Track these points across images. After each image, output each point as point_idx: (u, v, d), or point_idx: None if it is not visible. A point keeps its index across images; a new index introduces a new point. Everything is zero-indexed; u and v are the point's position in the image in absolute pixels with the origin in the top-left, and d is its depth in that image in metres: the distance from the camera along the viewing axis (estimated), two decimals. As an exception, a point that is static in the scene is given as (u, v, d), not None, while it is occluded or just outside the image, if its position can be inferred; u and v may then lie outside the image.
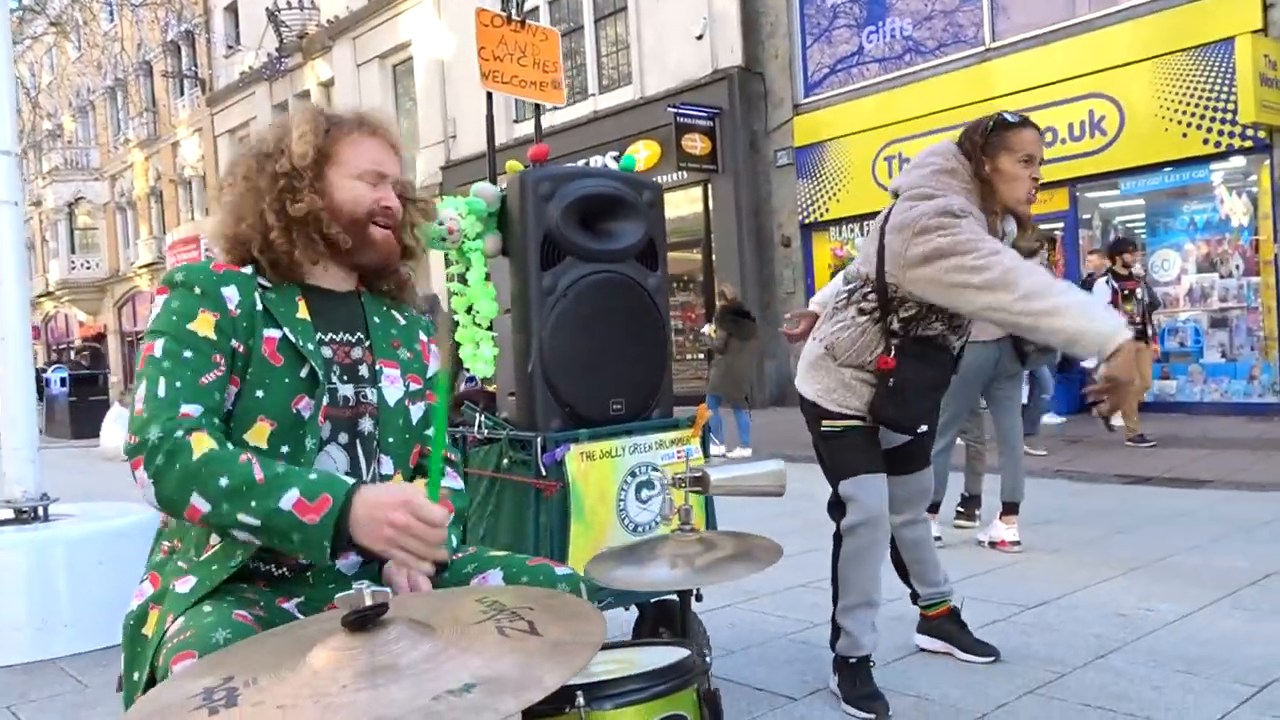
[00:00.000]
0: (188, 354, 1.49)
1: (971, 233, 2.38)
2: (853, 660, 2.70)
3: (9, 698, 3.13)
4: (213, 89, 25.64)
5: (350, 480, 1.43)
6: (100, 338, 31.15)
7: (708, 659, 1.27)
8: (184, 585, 1.49)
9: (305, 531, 1.37)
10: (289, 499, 1.38)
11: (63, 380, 15.60)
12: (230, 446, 1.46)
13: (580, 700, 1.12)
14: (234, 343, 1.53)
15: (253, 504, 1.39)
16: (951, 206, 2.44)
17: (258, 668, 0.90)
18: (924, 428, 2.75)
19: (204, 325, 1.51)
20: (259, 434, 1.52)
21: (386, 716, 0.76)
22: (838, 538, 2.73)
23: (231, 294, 1.55)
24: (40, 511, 3.98)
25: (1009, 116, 2.61)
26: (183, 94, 27.67)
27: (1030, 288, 2.25)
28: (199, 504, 1.40)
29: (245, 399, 1.53)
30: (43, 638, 3.57)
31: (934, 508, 4.92)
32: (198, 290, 1.54)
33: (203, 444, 1.42)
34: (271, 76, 22.22)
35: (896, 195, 2.65)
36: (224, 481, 1.39)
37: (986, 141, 2.58)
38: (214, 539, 1.53)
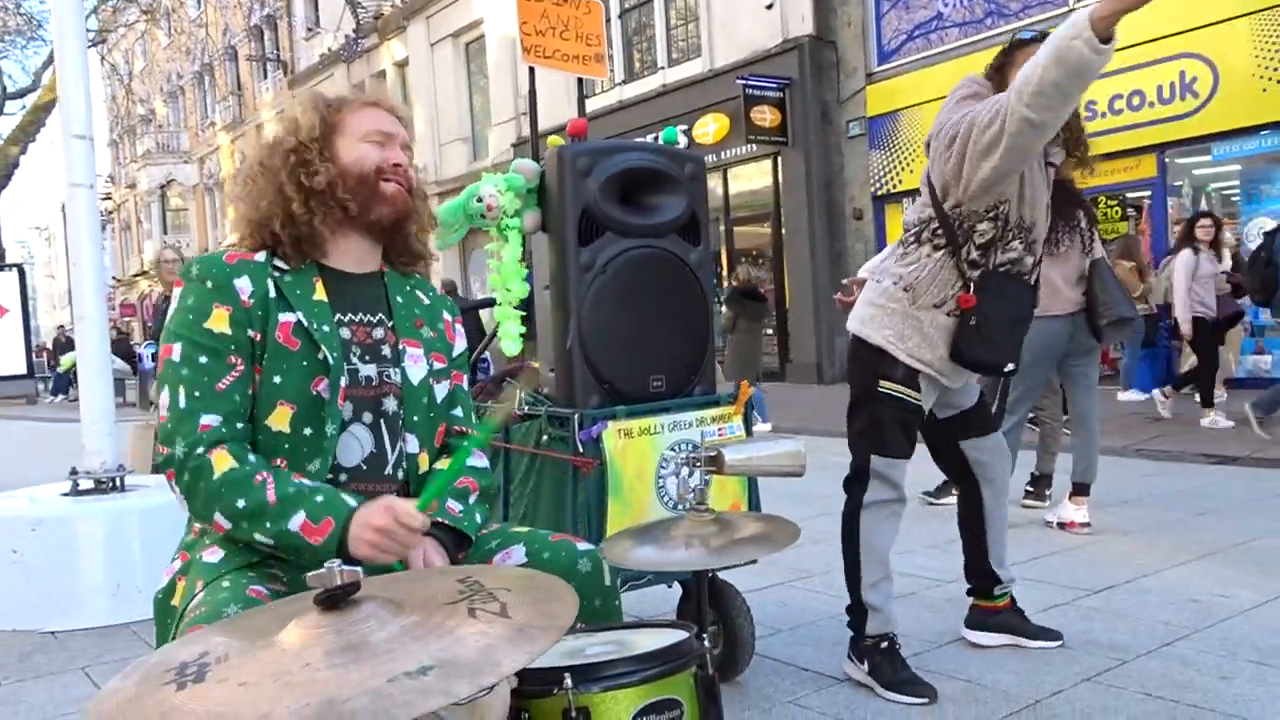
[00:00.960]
0: (204, 359, 1.54)
1: (976, 107, 2.38)
2: (884, 644, 2.63)
3: (85, 659, 3.29)
4: (294, 71, 26.26)
5: (352, 503, 1.50)
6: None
7: (705, 641, 1.24)
8: (212, 555, 1.56)
9: (312, 551, 1.46)
10: (296, 521, 1.47)
11: (154, 355, 16.25)
12: (251, 460, 1.52)
13: (568, 682, 1.12)
14: (250, 333, 1.57)
15: (266, 525, 1.48)
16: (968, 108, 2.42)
17: (234, 644, 0.91)
18: (1010, 366, 2.65)
19: (219, 321, 1.55)
20: (280, 418, 1.56)
21: (337, 697, 0.76)
22: (853, 515, 2.67)
23: (244, 284, 1.58)
24: (117, 482, 4.15)
25: (1023, 34, 2.56)
26: (266, 77, 28.42)
27: (1019, 83, 2.21)
28: (222, 521, 1.51)
29: (265, 384, 1.56)
30: (117, 603, 3.73)
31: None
32: (210, 284, 1.57)
33: (223, 463, 1.50)
34: (349, 58, 22.63)
35: (928, 147, 2.61)
36: (241, 504, 1.48)
37: (1002, 63, 2.56)
38: None
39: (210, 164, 32.73)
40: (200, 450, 1.50)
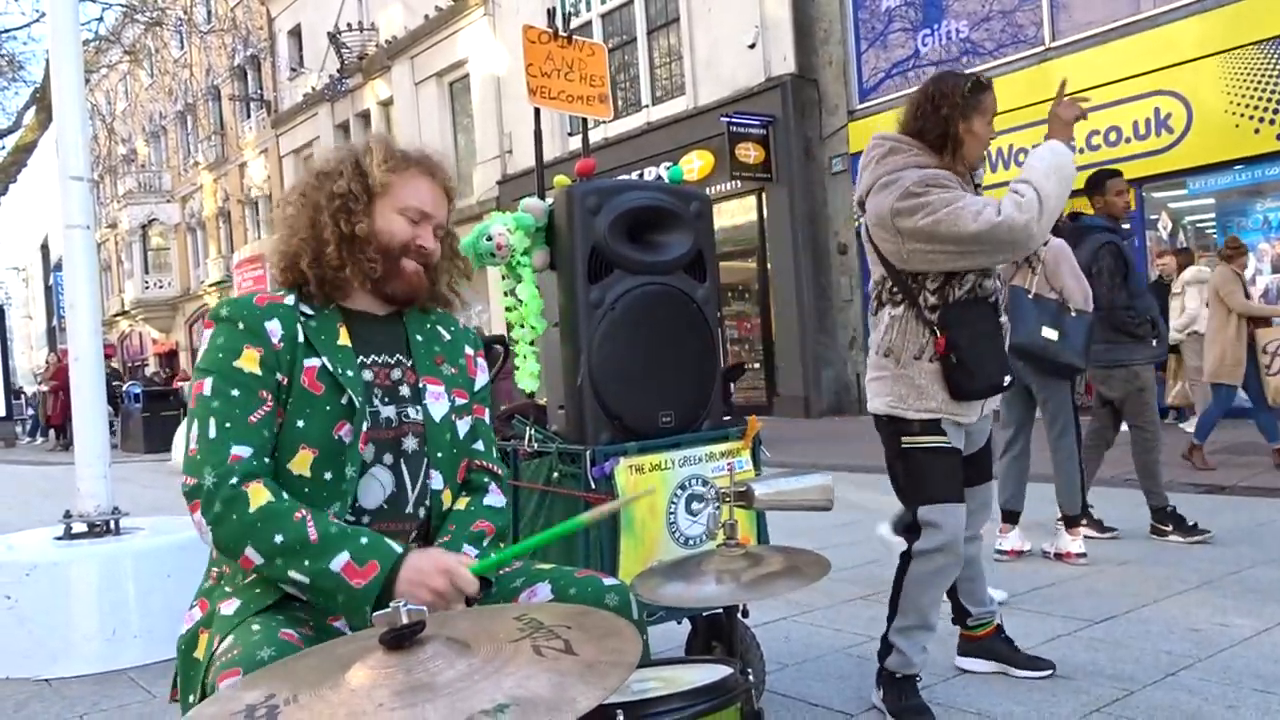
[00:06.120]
0: (235, 392, 1.53)
1: (940, 192, 2.47)
2: (898, 674, 2.65)
3: (81, 707, 3.23)
4: (277, 111, 26.34)
5: (398, 550, 1.48)
6: (172, 354, 32.17)
7: (750, 676, 1.25)
8: (229, 608, 1.53)
9: (350, 594, 1.43)
10: (339, 561, 1.44)
11: (137, 396, 16.10)
12: (285, 497, 1.50)
13: (620, 718, 1.12)
14: (279, 376, 1.57)
15: (305, 563, 1.44)
16: (920, 178, 2.50)
17: (299, 685, 0.91)
18: (1008, 379, 2.65)
19: (249, 361, 1.55)
20: (302, 462, 1.56)
21: (419, 737, 0.77)
22: (906, 557, 2.68)
23: (275, 328, 1.59)
24: (111, 525, 4.10)
25: (982, 79, 2.65)
26: (249, 116, 28.47)
27: (1030, 205, 2.41)
28: (253, 556, 1.46)
29: (288, 428, 1.56)
30: (113, 648, 3.67)
31: (1014, 517, 4.73)
32: (241, 326, 1.58)
33: (259, 496, 1.47)
34: (333, 97, 22.74)
35: (862, 207, 2.68)
36: (279, 539, 1.45)
37: (965, 103, 2.59)
38: None
39: (193, 203, 32.68)
40: (234, 481, 1.47)
